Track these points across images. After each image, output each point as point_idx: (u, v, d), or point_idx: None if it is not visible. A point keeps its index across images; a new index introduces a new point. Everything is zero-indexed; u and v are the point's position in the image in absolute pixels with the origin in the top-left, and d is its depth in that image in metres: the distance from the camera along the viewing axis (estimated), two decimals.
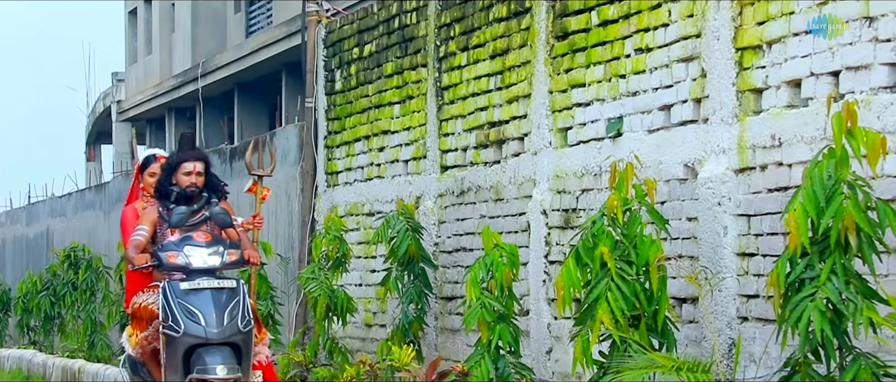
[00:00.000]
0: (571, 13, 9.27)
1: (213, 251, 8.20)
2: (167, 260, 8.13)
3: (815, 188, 5.96)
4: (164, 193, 8.56)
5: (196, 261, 8.14)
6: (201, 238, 8.24)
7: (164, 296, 8.05)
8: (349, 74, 13.07)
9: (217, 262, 8.19)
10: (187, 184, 8.50)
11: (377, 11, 12.50)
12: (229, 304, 8.06)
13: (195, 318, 7.98)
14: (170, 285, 8.11)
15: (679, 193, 8.13)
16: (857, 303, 5.93)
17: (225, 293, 8.10)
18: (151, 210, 8.56)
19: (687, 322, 8.05)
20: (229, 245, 8.32)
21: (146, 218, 8.52)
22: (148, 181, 8.94)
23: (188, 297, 8.01)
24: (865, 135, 5.97)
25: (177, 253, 8.14)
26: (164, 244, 8.26)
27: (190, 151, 8.65)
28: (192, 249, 8.16)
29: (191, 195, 8.51)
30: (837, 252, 5.95)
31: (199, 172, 8.56)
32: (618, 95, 8.74)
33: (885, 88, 6.56)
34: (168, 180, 8.56)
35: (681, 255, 8.02)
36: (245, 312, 8.11)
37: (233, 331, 8.02)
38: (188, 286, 8.06)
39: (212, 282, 8.09)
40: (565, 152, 9.35)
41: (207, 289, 8.06)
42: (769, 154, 7.35)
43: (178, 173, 8.54)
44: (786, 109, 7.25)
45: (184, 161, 8.55)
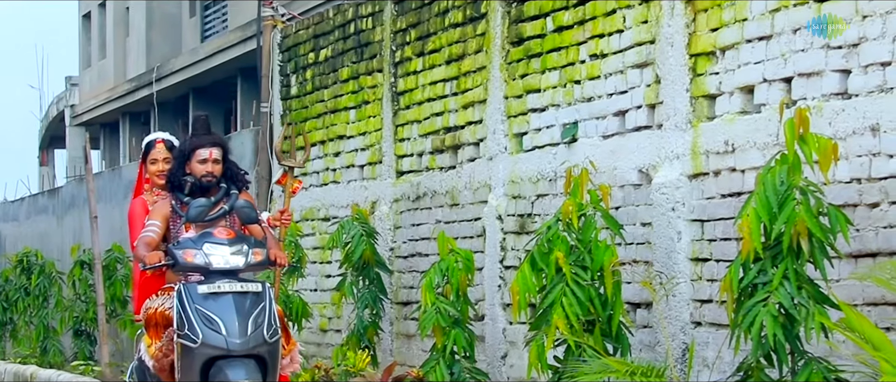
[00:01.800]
0: (527, 19, 9.30)
1: (236, 250, 7.09)
2: (184, 259, 7.05)
3: (768, 194, 6.00)
4: (176, 184, 7.52)
5: (217, 261, 7.05)
6: (222, 235, 7.14)
7: (180, 301, 6.98)
8: (305, 79, 13.05)
9: (240, 262, 7.09)
10: (203, 173, 7.46)
11: (333, 16, 12.49)
12: (254, 311, 6.95)
13: (215, 326, 6.88)
14: (186, 287, 7.01)
15: (633, 198, 8.17)
16: (809, 308, 5.98)
17: (249, 297, 6.99)
18: (163, 204, 7.56)
19: (641, 327, 8.09)
20: (254, 244, 7.21)
21: (157, 212, 7.52)
22: (151, 170, 7.90)
23: (207, 302, 6.93)
24: (817, 141, 6.02)
25: (195, 251, 7.06)
26: (181, 241, 7.18)
27: (205, 135, 7.57)
28: (213, 247, 7.08)
29: (207, 186, 7.48)
30: (790, 257, 5.99)
31: (216, 159, 7.50)
32: (573, 101, 8.77)
33: (837, 94, 6.62)
34: (181, 169, 7.52)
35: (635, 260, 8.06)
36: (272, 320, 6.99)
37: (258, 342, 6.90)
38: (207, 290, 6.96)
39: (234, 285, 7.01)
40: (521, 158, 9.37)
41: (229, 293, 6.97)
42: (722, 160, 7.39)
43: (191, 160, 7.49)
44: (739, 116, 7.30)
45: (198, 147, 7.49)
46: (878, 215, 6.38)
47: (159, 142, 7.89)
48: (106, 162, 30.79)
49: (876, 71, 6.38)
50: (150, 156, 7.91)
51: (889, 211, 6.31)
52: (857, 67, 6.49)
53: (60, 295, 17.68)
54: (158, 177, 7.78)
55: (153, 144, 7.92)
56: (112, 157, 30.48)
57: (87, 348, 16.74)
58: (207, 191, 7.48)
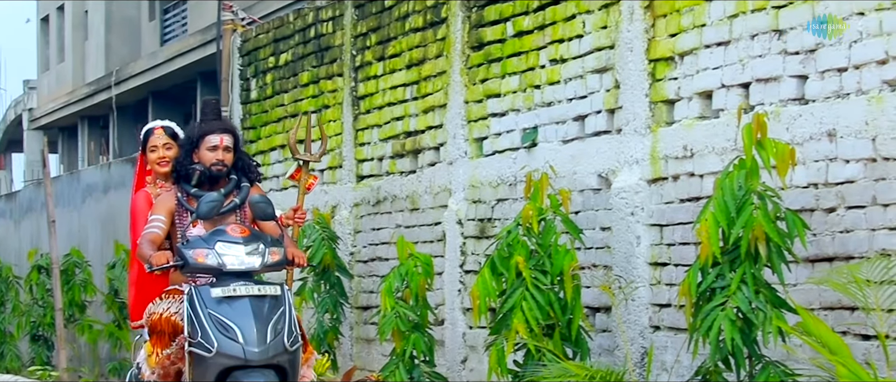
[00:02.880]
0: (487, 23, 9.32)
1: (251, 250, 6.42)
2: (195, 260, 6.36)
3: (726, 199, 6.04)
4: (183, 174, 6.82)
5: (231, 261, 6.37)
6: (236, 233, 6.46)
7: (191, 305, 6.30)
8: (265, 83, 13.02)
9: (257, 263, 6.40)
10: (213, 162, 6.77)
11: (293, 20, 12.47)
12: (273, 316, 6.29)
13: (231, 333, 6.22)
14: (198, 291, 6.34)
15: (593, 203, 8.20)
16: (767, 312, 6.02)
17: (267, 302, 6.32)
18: (168, 197, 6.83)
19: (600, 331, 8.12)
20: (271, 242, 6.52)
21: (161, 206, 6.79)
22: (151, 158, 7.20)
23: (222, 307, 6.27)
24: (775, 146, 6.07)
25: (207, 251, 6.37)
26: (192, 239, 6.50)
27: (214, 121, 6.92)
28: (226, 246, 6.40)
29: (217, 176, 6.80)
30: (747, 262, 6.03)
31: (228, 147, 6.80)
32: (533, 106, 8.79)
33: (794, 99, 6.67)
34: (188, 157, 6.83)
35: (595, 264, 8.08)
36: (292, 326, 6.33)
37: (277, 351, 6.24)
38: (221, 293, 6.29)
39: (250, 288, 6.32)
40: (481, 162, 9.38)
41: (246, 297, 6.30)
42: (681, 165, 7.43)
43: (200, 148, 6.80)
44: (697, 121, 7.33)
45: (208, 134, 6.80)
46: (834, 220, 6.42)
47: (158, 128, 7.25)
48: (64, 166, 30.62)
49: (832, 77, 6.44)
50: (150, 143, 7.24)
51: (845, 216, 6.36)
52: (814, 73, 6.54)
53: (17, 300, 17.58)
54: (160, 165, 7.14)
55: (152, 131, 7.29)
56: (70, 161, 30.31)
57: (44, 353, 16.64)
58: (216, 182, 6.82)
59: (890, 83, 6.12)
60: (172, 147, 7.08)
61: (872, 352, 6.11)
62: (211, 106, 7.03)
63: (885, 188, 6.14)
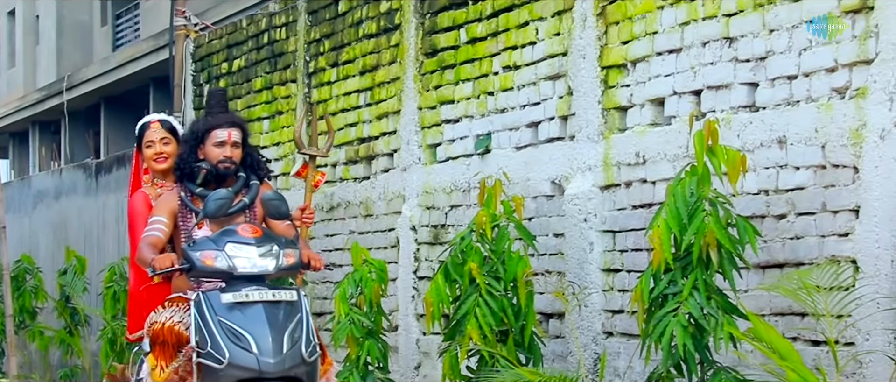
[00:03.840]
0: (440, 30, 9.33)
1: (264, 251, 5.92)
2: (202, 263, 5.85)
3: (678, 205, 6.07)
4: (187, 171, 6.31)
5: (242, 264, 5.86)
6: (248, 233, 5.95)
7: (199, 313, 5.81)
8: None
9: (270, 266, 5.91)
10: (220, 158, 6.27)
11: (246, 26, 12.44)
12: (289, 323, 5.81)
13: (244, 343, 5.72)
14: (206, 297, 5.84)
15: (546, 209, 8.22)
16: (718, 318, 6.05)
17: (282, 308, 5.84)
18: (170, 197, 6.32)
19: (554, 338, 8.14)
20: (285, 244, 6.04)
21: (163, 207, 6.27)
22: (147, 155, 6.67)
23: (233, 314, 5.76)
24: (726, 153, 6.10)
25: (216, 253, 5.86)
26: (199, 241, 5.98)
27: (221, 114, 6.40)
28: (237, 247, 5.89)
29: (224, 174, 6.29)
30: (699, 268, 6.06)
31: (236, 142, 6.31)
32: (486, 112, 8.81)
33: (745, 106, 6.71)
34: (192, 153, 6.32)
35: (548, 271, 8.11)
36: (310, 334, 5.87)
37: (295, 361, 5.76)
38: (233, 299, 5.79)
39: (264, 293, 5.83)
40: (434, 169, 9.39)
41: (259, 303, 5.81)
42: (634, 171, 7.46)
43: (206, 143, 6.30)
44: (650, 127, 7.37)
45: (215, 128, 6.30)
46: (785, 227, 6.47)
47: (155, 122, 6.74)
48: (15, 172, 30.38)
49: (783, 84, 6.49)
50: (145, 139, 6.72)
51: (796, 222, 6.41)
52: (765, 81, 6.59)
53: None
54: (157, 161, 6.65)
55: (147, 125, 6.76)
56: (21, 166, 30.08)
57: None
58: (223, 181, 6.31)
59: (839, 91, 6.18)
60: (170, 142, 6.65)
61: (822, 358, 6.16)
62: (217, 97, 6.50)
63: (835, 195, 6.20)
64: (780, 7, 6.48)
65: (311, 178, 7.14)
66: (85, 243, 16.89)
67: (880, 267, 5.93)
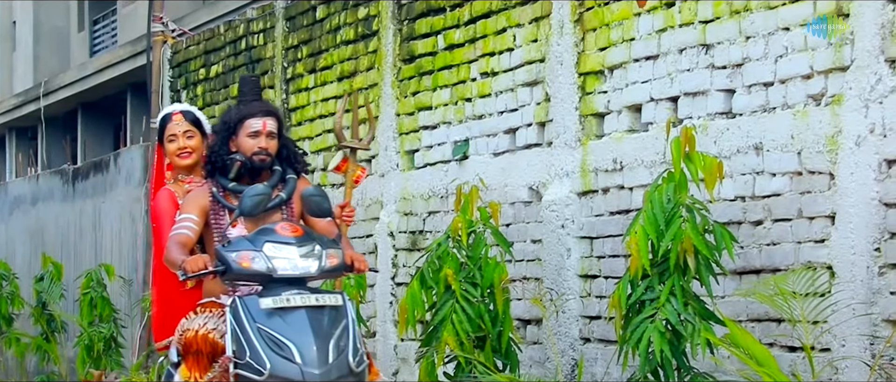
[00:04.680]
0: (418, 37, 9.33)
1: (306, 252, 5.43)
2: (239, 264, 5.36)
3: (655, 212, 6.08)
4: (219, 165, 5.82)
5: (282, 265, 5.37)
6: (287, 231, 5.47)
7: (235, 320, 5.31)
8: (195, 95, 12.96)
9: (313, 267, 5.43)
10: (255, 150, 5.77)
11: (224, 32, 12.43)
12: (334, 330, 5.31)
13: (286, 352, 5.22)
14: (243, 302, 5.33)
15: (524, 215, 8.23)
16: (695, 324, 6.06)
17: (327, 313, 5.34)
18: (200, 193, 5.82)
19: (531, 344, 8.14)
20: (327, 243, 5.54)
21: (193, 203, 5.77)
22: (170, 150, 6.21)
23: (273, 321, 5.26)
24: (703, 159, 6.12)
25: (253, 254, 5.37)
26: (234, 241, 5.48)
27: (255, 102, 5.89)
28: (276, 247, 5.40)
29: (259, 168, 5.79)
30: (676, 274, 6.08)
31: (271, 132, 5.81)
32: (464, 119, 8.82)
33: (722, 113, 6.73)
34: (224, 145, 5.82)
35: (526, 277, 8.11)
36: (357, 343, 5.38)
37: (341, 372, 5.27)
38: (273, 304, 5.30)
39: (306, 297, 5.35)
40: (412, 175, 9.39)
41: (302, 308, 5.31)
42: (611, 177, 7.48)
43: (238, 134, 5.80)
44: (627, 134, 7.38)
45: (248, 117, 5.79)
46: (761, 233, 6.49)
47: (177, 113, 6.23)
48: None
49: (759, 91, 6.51)
50: (167, 132, 6.23)
51: (772, 229, 6.43)
52: (741, 87, 6.61)
53: None
54: (180, 157, 6.18)
55: (169, 117, 6.26)
56: None
57: None
58: (258, 174, 5.81)
59: (815, 98, 6.21)
60: (194, 135, 6.20)
61: (798, 363, 6.18)
62: (250, 84, 5.95)
63: (811, 201, 6.22)
64: (756, 14, 6.50)
65: (351, 172, 6.68)
66: (61, 249, 16.84)
67: (856, 273, 5.96)
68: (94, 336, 13.05)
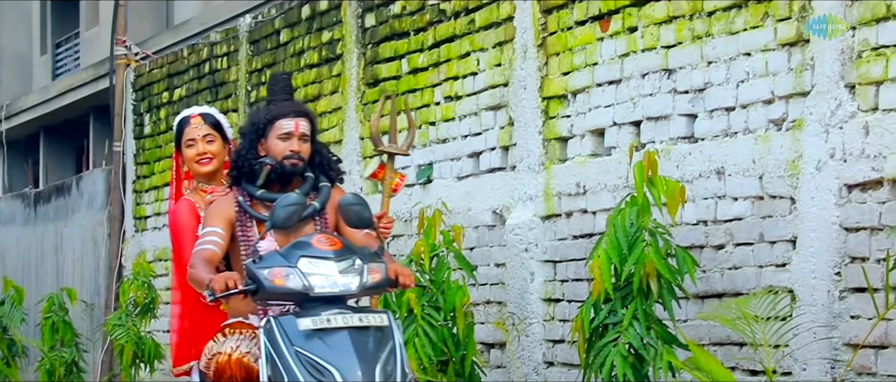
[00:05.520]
0: (382, 60, 9.34)
1: (346, 266, 4.93)
2: (271, 282, 4.85)
3: (618, 236, 6.10)
4: (245, 170, 5.29)
5: (319, 282, 4.87)
6: (324, 245, 4.95)
7: (271, 342, 4.81)
8: (159, 118, 12.92)
9: (353, 284, 4.92)
10: (285, 154, 5.26)
11: (187, 55, 12.40)
12: (380, 353, 4.81)
13: (328, 378, 4.73)
14: (279, 323, 4.83)
15: (487, 239, 8.24)
16: (658, 348, 6.08)
17: (371, 334, 4.82)
18: (225, 202, 5.29)
19: (495, 367, 8.14)
20: (368, 257, 5.02)
21: (217, 215, 5.23)
22: (188, 155, 5.71)
23: (312, 343, 4.75)
24: (665, 184, 6.14)
25: (287, 270, 4.87)
26: (266, 256, 4.97)
27: (286, 102, 5.37)
28: (312, 263, 4.90)
29: (291, 174, 5.28)
30: (639, 298, 6.09)
31: (304, 134, 5.30)
32: (428, 142, 8.83)
33: (684, 138, 6.77)
34: (252, 149, 5.29)
35: (489, 301, 8.12)
36: (405, 367, 4.88)
37: None
38: (312, 325, 4.78)
39: (349, 317, 4.83)
40: (376, 199, 9.38)
41: (344, 329, 4.80)
42: (574, 201, 7.50)
43: (268, 137, 5.27)
44: (590, 158, 7.41)
45: (278, 118, 5.27)
46: (723, 257, 6.52)
47: (195, 116, 5.74)
48: None
49: (721, 116, 6.55)
50: (185, 137, 5.73)
51: (734, 253, 6.46)
52: (703, 112, 6.65)
53: None
54: (200, 163, 5.69)
55: (187, 120, 5.77)
56: None
57: None
58: (289, 181, 5.30)
59: (776, 122, 6.25)
60: (215, 140, 5.71)
61: None
62: (281, 82, 5.45)
63: (772, 226, 6.25)
64: (717, 40, 6.54)
65: (389, 180, 6.20)
66: (23, 273, 16.73)
67: (816, 297, 5.99)
68: (55, 360, 12.96)
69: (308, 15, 10.33)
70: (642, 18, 6.99)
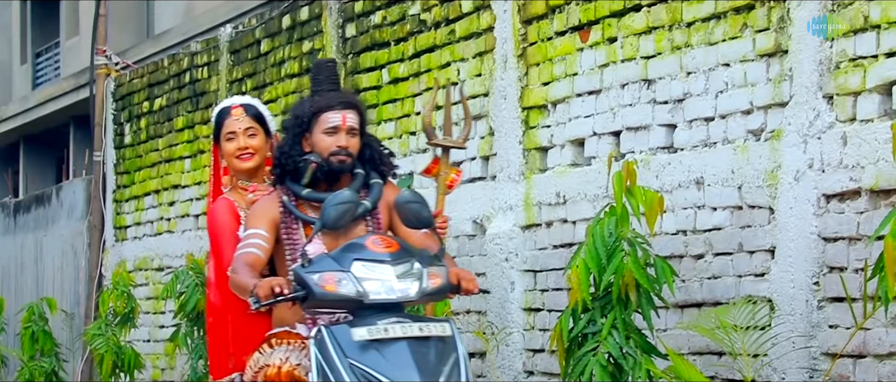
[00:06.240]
0: (362, 70, 9.35)
1: (404, 270, 4.53)
2: (322, 289, 4.45)
3: (597, 245, 6.11)
4: (289, 169, 4.92)
5: (375, 288, 4.48)
6: (380, 247, 4.55)
7: (323, 354, 4.41)
8: (139, 128, 12.91)
9: (412, 290, 4.53)
10: (332, 150, 4.87)
11: (168, 65, 12.40)
12: (443, 367, 4.41)
13: None
14: (331, 333, 4.43)
15: (468, 248, 8.25)
16: (637, 357, 6.09)
17: (433, 346, 4.43)
18: (268, 202, 4.91)
19: (475, 377, 8.14)
20: (428, 260, 4.62)
21: (260, 216, 4.85)
22: (228, 150, 5.22)
23: (368, 355, 4.35)
24: (644, 194, 6.16)
25: (339, 275, 4.47)
26: (316, 260, 4.55)
27: (333, 92, 4.96)
28: (367, 267, 4.50)
29: (339, 171, 4.90)
30: (618, 307, 6.10)
31: (353, 128, 4.92)
32: (408, 152, 8.83)
33: (664, 148, 6.79)
34: (296, 145, 4.92)
35: (469, 310, 8.12)
36: (469, 380, 4.54)
37: None
38: (368, 336, 4.39)
39: (408, 326, 4.44)
40: None
41: (403, 339, 4.40)
42: (554, 211, 7.51)
43: (314, 131, 4.90)
44: (570, 168, 7.43)
45: (324, 110, 4.88)
46: (702, 267, 6.55)
47: (236, 107, 5.24)
48: None
49: (700, 126, 6.57)
50: (225, 130, 5.24)
51: (713, 262, 6.48)
52: (683, 122, 6.67)
53: None
54: (241, 158, 5.21)
55: (227, 111, 5.26)
56: None
57: None
58: (337, 179, 4.90)
59: (755, 133, 6.27)
60: (257, 134, 5.24)
61: None
62: (326, 70, 5.03)
63: (751, 235, 6.28)
64: (696, 50, 6.57)
65: (444, 176, 5.82)
66: (2, 282, 16.69)
67: (795, 307, 6.02)
68: (35, 370, 12.93)
69: (289, 25, 10.34)
70: (622, 29, 7.02)
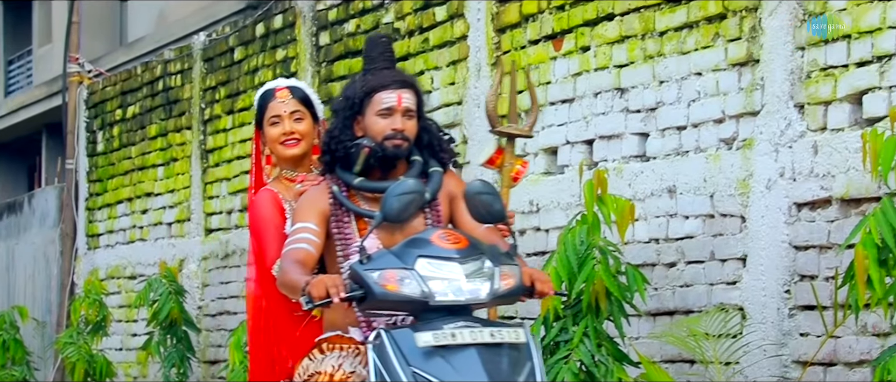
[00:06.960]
0: (336, 79, 9.35)
1: (473, 269, 4.06)
2: (383, 288, 4.01)
3: (569, 254, 6.12)
4: (340, 155, 4.40)
5: (441, 289, 4.02)
6: (446, 242, 4.08)
7: (382, 361, 3.98)
8: (112, 136, 12.87)
9: (483, 291, 4.06)
10: (387, 135, 4.36)
11: (141, 73, 12.37)
12: (517, 376, 3.99)
13: None
14: (392, 338, 3.99)
15: None
16: (609, 365, 6.10)
17: (505, 353, 4.00)
18: (317, 193, 4.42)
19: None
20: (500, 258, 4.15)
21: (309, 208, 4.37)
22: (271, 135, 4.74)
23: (434, 363, 3.94)
24: (615, 202, 6.17)
25: (401, 273, 4.03)
26: (376, 256, 4.09)
27: (387, 70, 4.45)
28: (432, 264, 4.04)
29: (394, 157, 4.39)
30: (590, 316, 6.11)
31: (409, 109, 4.41)
32: None
33: (636, 156, 6.81)
34: (347, 129, 4.41)
35: None
36: None
37: None
38: (434, 341, 3.95)
39: (478, 332, 3.98)
40: None
41: (472, 346, 3.96)
42: (528, 219, 7.52)
43: (366, 114, 4.39)
44: (543, 176, 7.44)
45: (378, 90, 4.39)
46: (674, 275, 6.57)
47: (281, 90, 4.77)
48: None
49: (672, 135, 6.60)
50: (269, 114, 4.75)
51: (685, 271, 6.50)
52: (655, 131, 6.69)
53: None
54: (286, 144, 4.74)
55: (272, 94, 4.77)
56: None
57: None
58: (392, 166, 4.40)
59: (726, 142, 6.30)
60: (304, 118, 4.77)
61: None
62: (380, 46, 4.51)
63: (723, 244, 6.30)
64: (669, 59, 6.60)
65: (509, 167, 5.45)
66: None
67: (766, 315, 6.04)
68: (6, 379, 12.87)
69: (262, 33, 10.33)
70: (595, 38, 7.04)
